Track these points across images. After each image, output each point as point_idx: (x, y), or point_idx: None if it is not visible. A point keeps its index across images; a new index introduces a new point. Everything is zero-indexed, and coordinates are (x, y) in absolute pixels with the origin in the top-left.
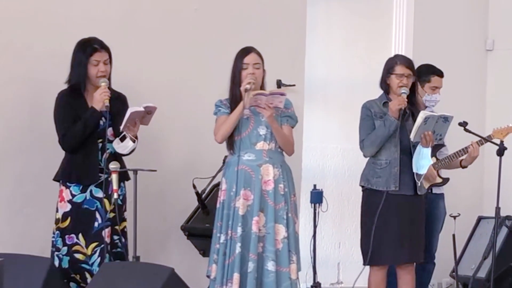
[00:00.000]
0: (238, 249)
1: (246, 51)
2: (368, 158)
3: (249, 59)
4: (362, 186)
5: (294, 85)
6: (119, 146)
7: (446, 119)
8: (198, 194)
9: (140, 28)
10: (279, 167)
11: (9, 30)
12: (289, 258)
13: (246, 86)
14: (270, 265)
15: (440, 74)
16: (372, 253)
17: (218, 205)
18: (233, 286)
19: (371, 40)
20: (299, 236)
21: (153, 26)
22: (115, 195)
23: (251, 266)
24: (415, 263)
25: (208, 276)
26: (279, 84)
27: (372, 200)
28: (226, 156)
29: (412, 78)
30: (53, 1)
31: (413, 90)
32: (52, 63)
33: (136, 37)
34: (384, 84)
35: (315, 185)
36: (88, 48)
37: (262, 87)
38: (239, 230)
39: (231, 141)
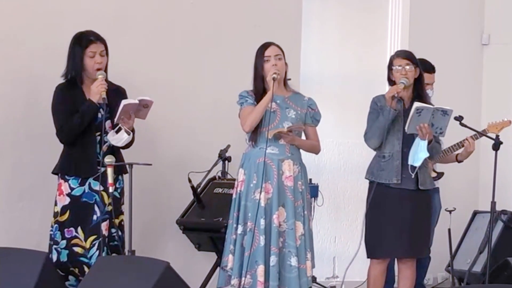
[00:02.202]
0: (263, 241)
1: (266, 44)
2: (375, 152)
3: (270, 51)
4: (368, 179)
5: (289, 79)
6: (113, 138)
7: (445, 112)
8: (193, 188)
9: (135, 22)
10: (299, 164)
11: (2, 25)
12: (305, 255)
13: (273, 75)
14: (294, 261)
15: (430, 70)
16: (372, 246)
17: (234, 196)
18: (259, 278)
19: (367, 34)
20: (312, 233)
21: (149, 20)
22: (111, 189)
23: (274, 260)
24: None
25: (223, 267)
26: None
27: (375, 193)
28: (221, 150)
29: (412, 68)
30: None
31: (420, 84)
32: (46, 58)
33: (132, 31)
34: (390, 81)
35: (310, 180)
36: (83, 40)
37: (285, 80)
38: (262, 222)
39: (255, 132)
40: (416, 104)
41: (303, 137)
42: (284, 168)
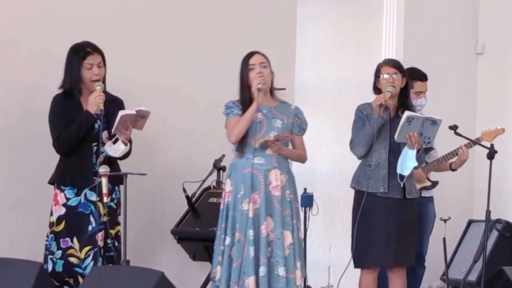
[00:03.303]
0: (252, 252)
1: (250, 53)
2: (360, 161)
3: (254, 59)
4: (353, 188)
5: (284, 89)
6: (111, 149)
7: (434, 122)
8: (188, 198)
9: (130, 32)
10: (286, 173)
11: None
12: (294, 265)
13: (258, 86)
14: (281, 271)
15: (422, 78)
16: (360, 255)
17: (221, 206)
18: None
19: (361, 43)
20: (302, 242)
21: (144, 30)
22: (105, 199)
23: (263, 270)
24: (406, 267)
25: (212, 279)
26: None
27: (361, 202)
28: (216, 160)
29: (400, 77)
30: (42, 3)
31: (406, 93)
32: (43, 67)
33: (126, 40)
34: (376, 89)
35: (305, 189)
36: (80, 52)
37: (271, 89)
38: (251, 233)
39: (242, 143)
40: (407, 113)
41: (290, 146)
42: (271, 178)
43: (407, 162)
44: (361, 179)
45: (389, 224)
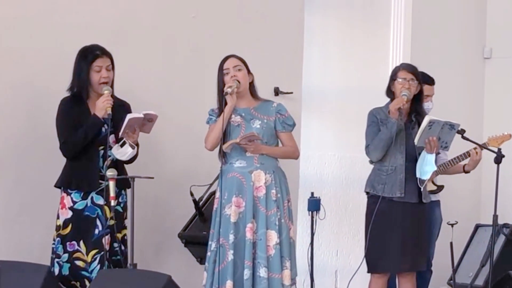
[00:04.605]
0: (230, 257)
1: (224, 58)
2: (374, 165)
3: (228, 63)
4: (367, 193)
5: (291, 93)
6: (118, 152)
7: (452, 127)
8: (195, 202)
9: (137, 36)
10: (272, 172)
11: (5, 35)
12: (282, 264)
13: (226, 90)
14: (262, 272)
15: (429, 82)
16: (374, 260)
17: (212, 213)
18: None
19: (369, 49)
20: (295, 241)
21: (151, 34)
22: (112, 202)
23: (247, 273)
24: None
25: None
26: (277, 91)
27: (378, 207)
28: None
29: (416, 83)
30: (50, 7)
31: (419, 99)
32: (49, 71)
33: (133, 44)
34: (390, 92)
35: (312, 193)
36: (89, 55)
37: (251, 90)
38: (231, 237)
39: (222, 149)
40: (429, 117)
41: (280, 144)
42: (254, 179)
43: (425, 166)
44: (376, 184)
45: (405, 229)
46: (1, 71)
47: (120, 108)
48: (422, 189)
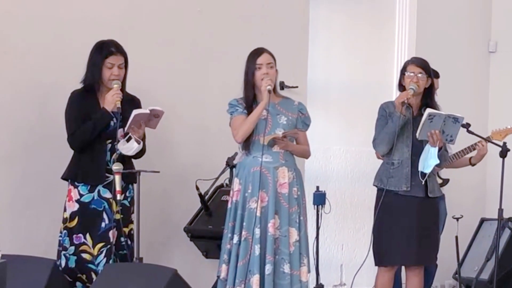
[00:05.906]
0: (258, 251)
1: (258, 51)
2: (383, 159)
3: (262, 59)
4: (376, 186)
5: (297, 87)
6: (124, 147)
7: (456, 120)
8: (201, 196)
9: (143, 31)
10: (293, 170)
11: (10, 32)
12: (300, 261)
13: (268, 87)
14: (286, 268)
15: (434, 75)
16: (381, 253)
17: (229, 205)
18: (254, 287)
19: (374, 43)
20: (308, 238)
21: (156, 28)
22: (118, 196)
23: (269, 268)
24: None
25: (218, 276)
26: (282, 85)
27: (384, 200)
28: (229, 158)
29: (425, 77)
30: (55, 3)
31: (430, 92)
32: (57, 65)
33: (139, 39)
34: (400, 85)
35: (318, 187)
36: (104, 50)
37: (274, 87)
38: (257, 231)
39: (248, 141)
40: (429, 110)
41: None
42: (279, 175)
43: (429, 160)
44: (383, 178)
45: (411, 223)
46: (9, 67)
47: (130, 102)
48: (428, 183)
